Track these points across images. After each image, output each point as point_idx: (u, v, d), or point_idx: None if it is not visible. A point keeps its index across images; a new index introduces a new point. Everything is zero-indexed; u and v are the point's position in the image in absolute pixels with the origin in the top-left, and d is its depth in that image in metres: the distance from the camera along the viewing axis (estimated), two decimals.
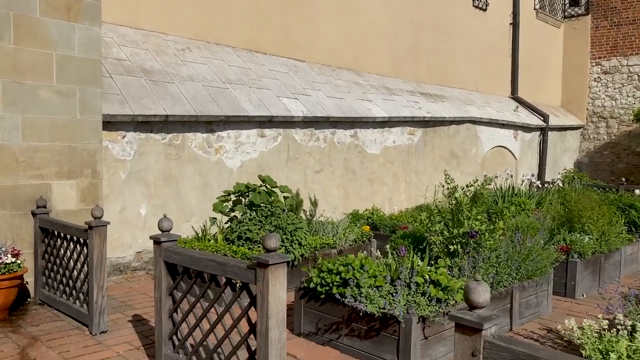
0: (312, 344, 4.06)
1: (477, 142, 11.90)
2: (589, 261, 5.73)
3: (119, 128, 6.13)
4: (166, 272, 3.36)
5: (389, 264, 4.27)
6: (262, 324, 2.66)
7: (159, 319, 3.38)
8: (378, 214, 7.96)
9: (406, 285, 3.86)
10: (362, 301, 3.69)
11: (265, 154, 7.61)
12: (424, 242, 5.02)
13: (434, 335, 3.68)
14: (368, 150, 9.15)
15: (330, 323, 3.98)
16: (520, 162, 13.66)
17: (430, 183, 10.38)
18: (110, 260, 6.10)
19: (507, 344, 1.76)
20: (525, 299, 4.65)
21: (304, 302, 4.18)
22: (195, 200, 6.87)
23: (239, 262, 2.82)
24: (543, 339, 4.28)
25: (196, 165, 6.87)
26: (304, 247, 5.56)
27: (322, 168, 8.41)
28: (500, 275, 4.32)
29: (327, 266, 4.06)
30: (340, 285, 3.91)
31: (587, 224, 6.25)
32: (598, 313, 4.99)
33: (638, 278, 6.51)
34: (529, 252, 4.57)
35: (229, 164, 7.21)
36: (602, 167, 16.68)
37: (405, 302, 3.68)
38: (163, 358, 3.38)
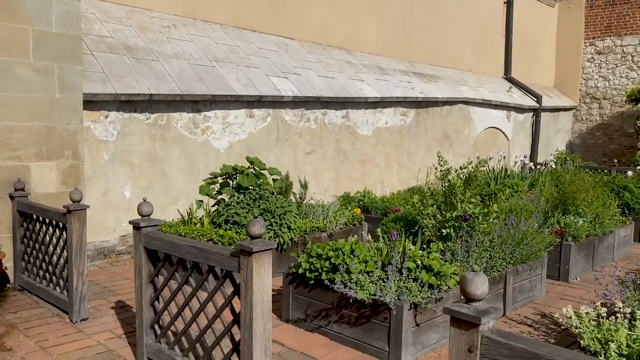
0: (301, 331, 3.95)
1: (469, 123, 11.75)
2: (583, 244, 5.64)
3: (101, 108, 5.91)
4: (147, 259, 3.20)
5: (380, 249, 4.14)
6: (246, 314, 2.52)
7: (140, 307, 3.23)
8: (370, 196, 7.82)
9: (397, 270, 3.73)
10: (352, 287, 3.57)
11: (254, 135, 7.42)
12: (416, 226, 4.89)
13: (426, 322, 3.57)
14: (360, 131, 8.97)
15: (320, 309, 3.86)
16: (513, 144, 13.55)
17: (422, 165, 10.25)
18: (94, 244, 5.93)
19: (506, 340, 1.63)
20: (519, 284, 4.56)
21: (293, 288, 4.05)
22: (182, 182, 6.69)
23: (222, 249, 2.67)
24: (537, 325, 4.19)
25: (182, 146, 6.67)
26: (294, 230, 5.42)
27: (313, 149, 8.24)
28: (494, 259, 4.20)
29: (316, 251, 3.92)
30: (330, 270, 3.78)
31: (581, 206, 6.15)
32: (592, 297, 4.92)
33: (632, 260, 6.45)
34: (524, 236, 4.46)
35: (217, 145, 7.02)
36: (593, 148, 16.64)
37: (396, 288, 3.56)
38: (144, 347, 3.24)
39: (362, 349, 3.59)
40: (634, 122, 15.20)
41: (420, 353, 3.53)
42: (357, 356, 3.53)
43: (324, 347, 3.65)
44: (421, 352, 3.54)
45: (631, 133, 15.69)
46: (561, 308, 4.56)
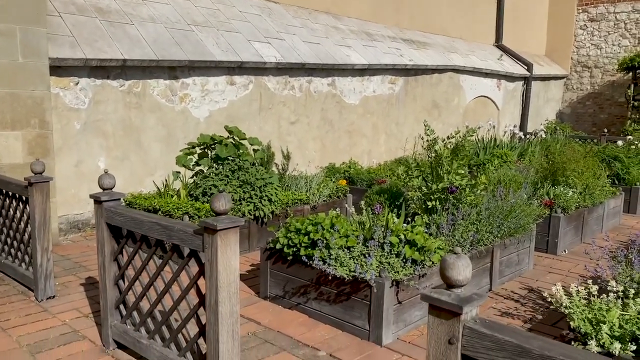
0: (279, 308, 3.77)
1: (459, 92, 11.49)
2: (572, 216, 5.50)
3: (70, 74, 5.58)
4: (109, 235, 2.98)
5: (362, 222, 3.94)
6: (212, 296, 2.32)
7: (104, 286, 3.03)
8: (355, 167, 7.61)
9: (379, 245, 3.55)
10: (332, 264, 3.38)
11: (236, 103, 7.13)
12: (401, 198, 4.70)
13: (409, 300, 3.41)
14: (346, 100, 8.69)
15: (298, 286, 3.68)
16: (503, 113, 13.34)
17: (411, 135, 10.02)
18: (67, 217, 5.69)
19: (491, 331, 1.44)
20: (506, 257, 4.40)
21: (271, 264, 3.86)
22: (159, 152, 6.42)
23: (185, 226, 2.45)
24: (524, 300, 4.05)
25: (159, 115, 6.38)
26: (275, 203, 5.21)
27: (298, 119, 7.97)
28: (481, 233, 4.03)
29: (295, 226, 3.72)
30: (309, 246, 3.58)
31: (571, 177, 5.99)
32: (580, 270, 4.79)
33: (621, 232, 6.34)
34: (512, 209, 4.28)
35: (196, 113, 6.73)
36: (583, 117, 16.49)
37: (378, 265, 3.38)
38: (110, 329, 3.05)
39: (341, 327, 3.43)
40: (624, 91, 15.01)
41: (402, 331, 3.38)
42: (336, 334, 3.37)
43: (302, 326, 3.48)
44: (403, 330, 3.39)
45: (622, 102, 15.53)
46: (549, 282, 4.44)
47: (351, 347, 3.20)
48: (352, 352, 3.13)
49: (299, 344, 3.23)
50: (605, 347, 2.30)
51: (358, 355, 3.09)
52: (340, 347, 3.19)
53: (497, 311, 3.81)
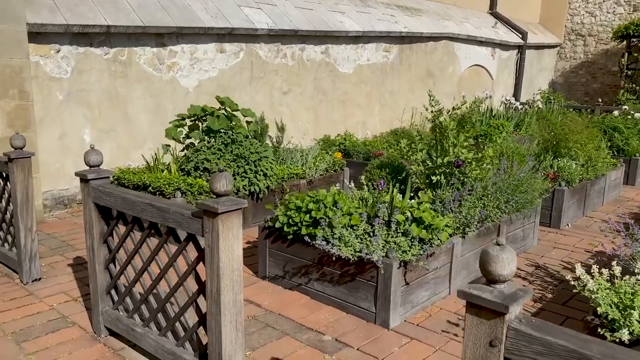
0: (279, 289, 3.60)
1: (454, 61, 11.22)
2: (576, 189, 5.36)
3: (51, 40, 5.24)
4: (98, 216, 2.76)
5: (364, 199, 3.75)
6: (213, 285, 2.13)
7: (93, 270, 2.82)
8: (351, 139, 7.39)
9: (385, 223, 3.37)
10: (336, 244, 3.20)
11: (226, 72, 6.82)
12: (403, 173, 4.50)
13: (416, 280, 3.25)
14: (340, 68, 8.40)
15: (299, 266, 3.50)
16: (497, 82, 13.12)
17: (405, 105, 9.79)
18: (51, 193, 5.43)
19: (541, 334, 1.27)
20: (512, 233, 4.26)
21: (269, 243, 3.67)
22: (147, 124, 6.14)
23: (182, 208, 2.23)
24: (532, 277, 3.92)
25: (146, 85, 6.07)
26: (270, 178, 5.00)
27: (290, 88, 7.68)
28: (488, 209, 3.86)
29: (295, 203, 3.52)
30: (310, 225, 3.39)
31: (573, 148, 5.83)
32: (585, 245, 4.67)
33: (622, 204, 6.23)
34: (520, 183, 4.12)
35: (184, 83, 6.42)
36: (576, 87, 16.33)
37: (384, 244, 3.20)
38: (101, 315, 2.86)
39: (345, 309, 3.27)
40: (618, 60, 14.84)
41: (409, 313, 3.23)
42: (340, 317, 3.21)
43: (304, 308, 3.32)
44: (410, 312, 3.24)
45: (615, 71, 15.37)
46: (555, 258, 4.31)
47: (357, 330, 3.04)
48: (358, 336, 2.98)
49: (302, 327, 3.07)
50: (635, 334, 2.16)
51: (365, 339, 2.94)
52: (346, 330, 3.04)
53: None
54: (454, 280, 3.59)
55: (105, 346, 2.82)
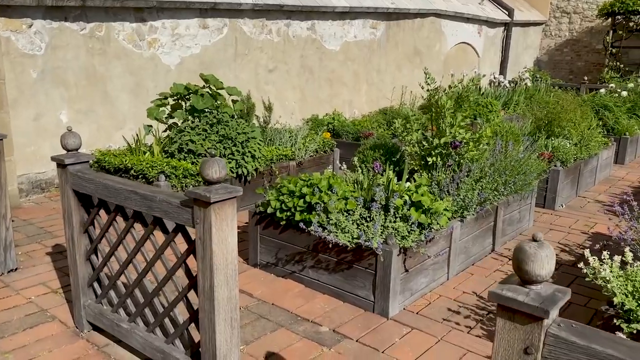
0: (272, 277, 3.45)
1: (441, 38, 11.02)
2: (570, 169, 5.27)
3: (22, 14, 4.92)
4: (77, 204, 2.55)
5: (359, 182, 3.59)
6: (206, 280, 1.95)
7: (74, 261, 2.63)
8: (339, 119, 7.20)
9: (382, 207, 3.22)
10: (332, 230, 3.04)
11: (209, 48, 6.55)
12: (397, 154, 4.35)
13: (415, 267, 3.12)
14: (327, 45, 8.16)
15: (293, 253, 3.34)
16: (483, 60, 12.97)
17: (392, 83, 9.60)
18: (27, 176, 5.17)
19: (585, 341, 1.13)
20: (508, 215, 4.15)
21: (261, 229, 3.50)
22: (128, 103, 5.87)
23: (169, 197, 2.04)
24: None
25: (126, 62, 5.78)
26: (258, 160, 4.80)
27: (276, 66, 7.44)
28: (486, 191, 3.73)
29: (288, 187, 3.34)
30: (305, 210, 3.22)
31: (567, 127, 5.73)
32: (581, 226, 4.59)
33: (613, 184, 6.18)
34: (518, 164, 3.99)
35: (166, 60, 6.14)
36: (561, 65, 16.28)
37: (382, 230, 3.06)
38: (83, 309, 2.67)
39: (342, 298, 3.13)
40: (603, 38, 14.79)
41: (408, 301, 3.10)
42: (337, 306, 3.08)
43: (299, 297, 3.17)
44: (409, 300, 3.12)
45: (599, 49, 15.33)
46: (552, 240, 4.22)
47: (355, 320, 2.91)
48: (357, 326, 2.84)
49: (297, 318, 2.93)
50: None
51: (365, 329, 2.81)
52: (344, 320, 2.90)
53: (504, 274, 3.57)
54: (452, 265, 3.47)
55: (89, 342, 2.64)
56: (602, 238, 4.28)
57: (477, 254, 3.79)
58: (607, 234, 4.34)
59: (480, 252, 3.83)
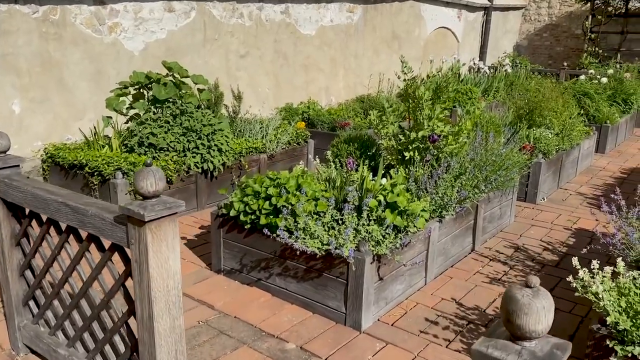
0: (236, 285, 3.18)
1: (420, 23, 10.75)
2: (552, 161, 5.08)
3: None
4: (7, 214, 2.25)
5: (332, 179, 3.33)
6: (144, 309, 1.68)
7: (5, 278, 2.32)
8: (315, 107, 6.90)
9: (354, 208, 2.97)
10: (300, 236, 2.78)
11: (176, 34, 6.18)
12: (373, 148, 4.09)
13: (390, 274, 2.88)
14: (302, 30, 7.82)
15: (259, 259, 3.08)
16: (463, 45, 12.74)
17: (370, 69, 9.31)
18: None
19: None
20: (489, 212, 3.94)
21: (224, 233, 3.22)
22: (88, 92, 5.49)
23: (103, 212, 1.76)
24: (512, 261, 3.62)
25: (85, 48, 5.40)
26: (226, 153, 4.51)
27: (248, 51, 7.09)
28: (466, 188, 3.51)
29: (252, 188, 3.07)
30: (271, 213, 2.95)
31: (548, 117, 5.54)
32: (563, 222, 4.41)
33: (594, 175, 6.03)
34: (501, 159, 3.77)
35: (129, 46, 5.76)
36: (540, 50, 16.17)
37: (354, 234, 2.81)
38: (18, 331, 2.38)
39: (312, 308, 2.89)
40: (582, 23, 14.69)
41: (382, 311, 2.87)
42: (306, 318, 2.83)
43: (264, 308, 2.92)
44: (384, 309, 2.89)
45: (578, 34, 15.23)
46: (534, 238, 4.03)
47: (326, 335, 2.67)
48: (327, 342, 2.60)
49: (262, 333, 2.67)
50: None
51: (335, 345, 2.57)
52: (312, 335, 2.66)
53: (485, 277, 3.36)
54: (430, 269, 3.24)
55: None
56: (585, 234, 4.10)
57: (456, 254, 3.58)
58: (590, 230, 4.18)
59: (459, 253, 3.62)
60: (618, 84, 8.49)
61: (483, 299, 3.06)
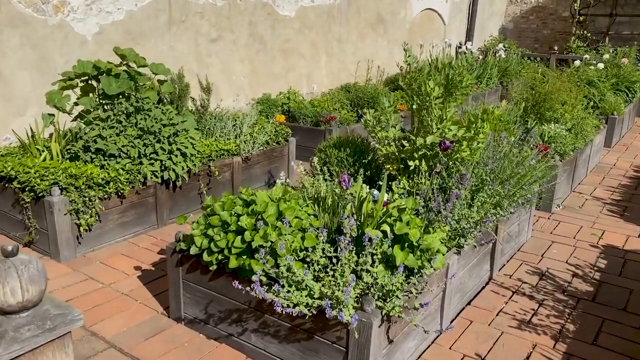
0: (200, 340, 2.48)
1: (406, 4, 10.02)
2: (567, 162, 4.47)
3: None
4: None
5: (321, 198, 2.64)
6: None
7: None
8: (296, 98, 6.17)
9: (352, 240, 2.30)
10: (283, 287, 2.09)
11: (136, 14, 5.36)
12: (370, 154, 3.40)
13: (403, 331, 2.22)
14: (280, 11, 7.04)
15: (229, 309, 2.38)
16: (449, 28, 12.07)
17: (355, 54, 8.58)
18: None
19: None
20: (507, 231, 3.31)
21: (184, 272, 2.51)
22: (30, 84, 4.67)
23: None
24: (538, 293, 2.99)
25: (25, 31, 4.56)
26: (191, 158, 3.77)
27: (220, 35, 6.30)
28: (486, 208, 2.85)
29: (220, 216, 2.35)
30: (244, 252, 2.25)
31: (559, 110, 4.91)
32: (586, 236, 3.81)
33: (605, 173, 5.45)
34: (527, 171, 3.11)
35: (80, 29, 4.94)
36: (526, 33, 15.62)
37: (352, 278, 2.13)
38: None
39: None
40: (570, 5, 14.16)
41: None
42: None
43: None
44: None
45: (566, 17, 14.70)
46: (559, 260, 3.41)
47: None
48: None
49: None
50: None
51: None
52: None
53: (512, 319, 2.73)
54: (445, 313, 2.59)
55: None
56: (617, 254, 3.50)
57: (473, 287, 2.94)
58: (620, 248, 3.59)
59: (476, 285, 2.98)
60: (619, 70, 7.94)
61: (515, 355, 2.42)
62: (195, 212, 3.98)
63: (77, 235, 3.29)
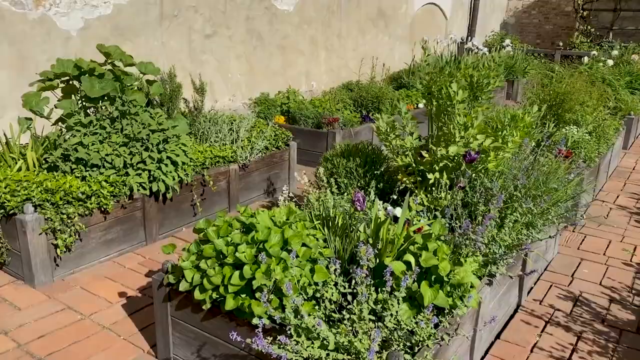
0: None
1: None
2: (592, 169, 4.14)
3: None
4: None
5: (330, 218, 2.29)
6: None
7: None
8: (296, 98, 5.81)
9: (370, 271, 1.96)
10: (289, 336, 1.74)
11: (125, 8, 4.98)
12: (382, 164, 3.05)
13: None
14: (278, 5, 6.67)
15: (226, 355, 2.03)
16: (451, 23, 11.72)
17: (355, 50, 8.22)
18: None
19: None
20: (535, 250, 2.97)
21: (173, 309, 2.16)
22: (8, 84, 4.30)
23: None
24: (575, 322, 2.66)
25: (2, 27, 4.19)
26: (183, 167, 3.41)
27: (216, 30, 5.92)
28: (517, 229, 2.51)
29: (214, 245, 2.00)
30: (243, 290, 1.90)
31: (579, 112, 4.57)
32: (618, 252, 3.47)
33: (625, 179, 5.12)
34: (565, 185, 2.77)
35: (64, 24, 4.56)
36: (528, 28, 15.31)
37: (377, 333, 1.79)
38: None
39: None
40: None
41: None
42: None
43: None
44: None
45: (568, 11, 14.39)
46: (591, 282, 3.07)
47: None
48: None
49: None
50: None
51: None
52: None
53: (549, 355, 2.39)
54: (476, 353, 2.25)
55: None
56: None
57: (502, 317, 2.60)
58: None
59: (505, 314, 2.64)
60: (632, 67, 7.61)
61: None
62: (188, 226, 3.62)
63: (54, 257, 2.93)
